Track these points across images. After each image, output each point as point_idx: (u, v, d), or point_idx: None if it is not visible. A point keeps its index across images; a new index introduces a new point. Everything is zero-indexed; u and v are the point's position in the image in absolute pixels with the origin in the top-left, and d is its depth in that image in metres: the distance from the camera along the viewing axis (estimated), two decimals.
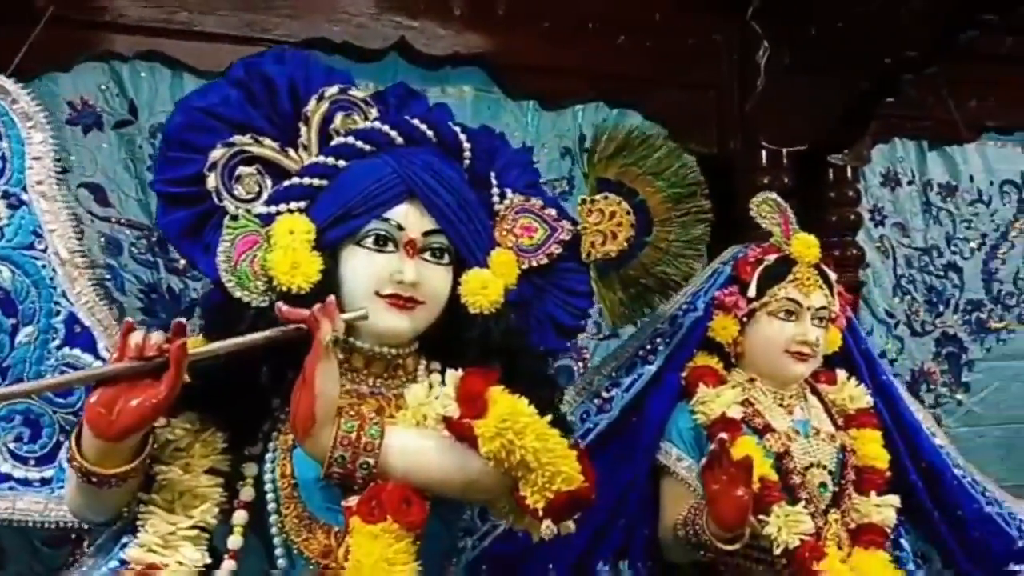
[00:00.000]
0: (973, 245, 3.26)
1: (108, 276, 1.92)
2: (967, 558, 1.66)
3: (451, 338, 1.16)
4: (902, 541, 1.62)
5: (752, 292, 1.46)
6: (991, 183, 3.30)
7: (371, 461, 1.00)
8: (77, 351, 1.16)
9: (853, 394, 1.54)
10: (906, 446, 1.61)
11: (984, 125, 3.20)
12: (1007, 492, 3.19)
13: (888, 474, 1.46)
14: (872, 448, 1.47)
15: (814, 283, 1.47)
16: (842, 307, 1.55)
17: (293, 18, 2.14)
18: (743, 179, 2.61)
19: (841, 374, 1.57)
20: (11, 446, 1.13)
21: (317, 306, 1.00)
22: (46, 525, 1.13)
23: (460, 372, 1.07)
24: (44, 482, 1.14)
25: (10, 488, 1.13)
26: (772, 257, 1.50)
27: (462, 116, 2.36)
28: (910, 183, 3.17)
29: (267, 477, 1.07)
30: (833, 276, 1.54)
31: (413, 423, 1.05)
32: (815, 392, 1.53)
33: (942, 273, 3.22)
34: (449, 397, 1.06)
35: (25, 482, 1.13)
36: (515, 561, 1.37)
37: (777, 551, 1.31)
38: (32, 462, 1.14)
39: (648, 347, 1.54)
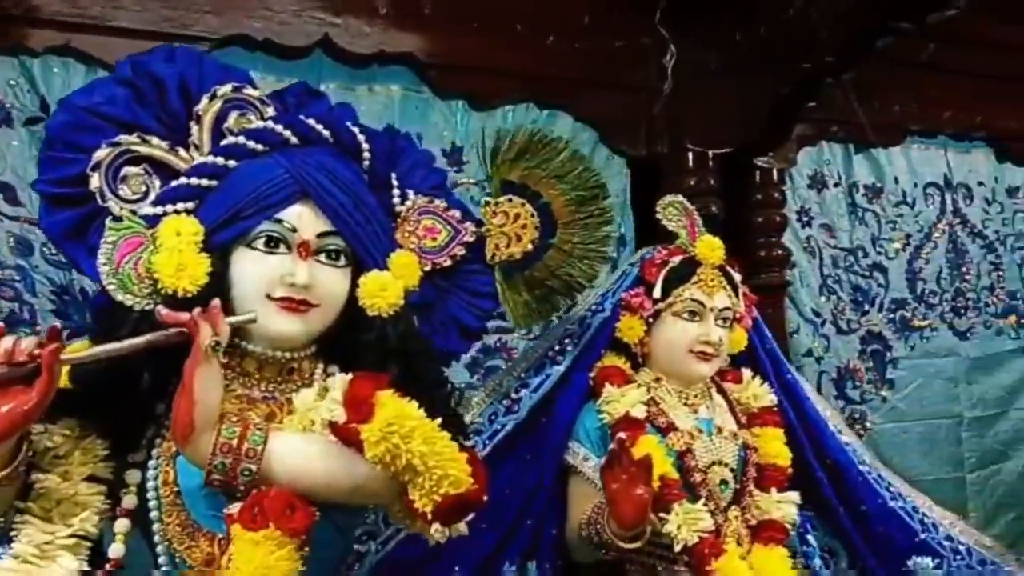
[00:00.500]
0: (897, 246, 3.34)
1: (17, 277, 1.87)
2: (871, 552, 1.70)
3: (349, 341, 1.15)
4: (809, 537, 1.65)
5: (657, 293, 1.48)
6: (915, 185, 3.39)
7: (253, 467, 0.98)
8: None
9: (757, 393, 1.57)
10: (811, 443, 1.65)
11: (908, 129, 3.29)
12: (929, 486, 3.32)
13: (789, 471, 1.49)
14: (774, 446, 1.50)
15: (718, 284, 1.49)
16: (747, 308, 1.58)
17: (213, 14, 2.10)
18: (670, 181, 2.65)
19: (746, 373, 1.60)
20: None
21: (197, 310, 0.98)
22: None
23: (349, 376, 1.06)
24: None
25: None
26: (677, 259, 1.52)
27: (390, 115, 2.37)
28: (836, 185, 3.24)
29: (150, 484, 1.05)
30: (738, 277, 1.56)
31: (300, 428, 1.04)
32: (720, 391, 1.56)
33: (867, 273, 3.29)
34: (336, 401, 1.03)
35: None
36: (420, 564, 1.37)
37: (677, 548, 1.33)
38: None
39: (557, 348, 1.55)
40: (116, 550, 1.02)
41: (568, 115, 2.58)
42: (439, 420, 1.01)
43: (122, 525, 1.03)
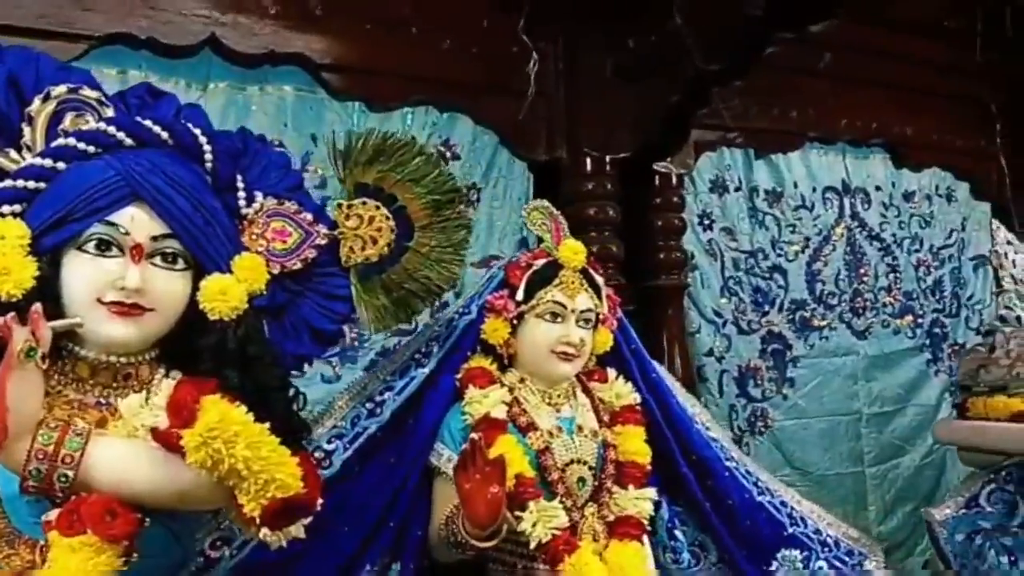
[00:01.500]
0: (797, 248, 3.45)
1: None
2: (740, 547, 1.75)
3: (190, 346, 1.14)
4: (676, 532, 1.70)
5: (520, 296, 1.51)
6: (814, 189, 3.50)
7: (70, 474, 0.96)
8: None
9: (620, 392, 1.60)
10: (676, 439, 1.69)
11: (807, 135, 3.40)
12: (831, 481, 3.43)
13: (648, 468, 1.52)
14: (634, 443, 1.53)
15: (579, 287, 1.52)
16: (611, 309, 1.61)
17: (94, 11, 2.06)
18: (570, 185, 2.70)
19: (611, 373, 1.63)
20: None
21: (11, 315, 0.96)
22: None
23: (174, 381, 1.05)
24: None
25: None
26: (541, 262, 1.55)
27: (283, 116, 2.35)
28: (737, 189, 3.32)
29: None
30: (600, 280, 1.59)
31: (125, 434, 1.02)
32: (585, 390, 1.59)
33: (768, 275, 3.38)
34: (160, 407, 1.02)
35: None
36: (280, 568, 1.36)
37: (532, 545, 1.36)
38: None
39: (423, 351, 1.56)
40: None
41: (468, 118, 2.60)
42: (267, 425, 1.01)
43: None
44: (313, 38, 2.31)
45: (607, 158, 2.70)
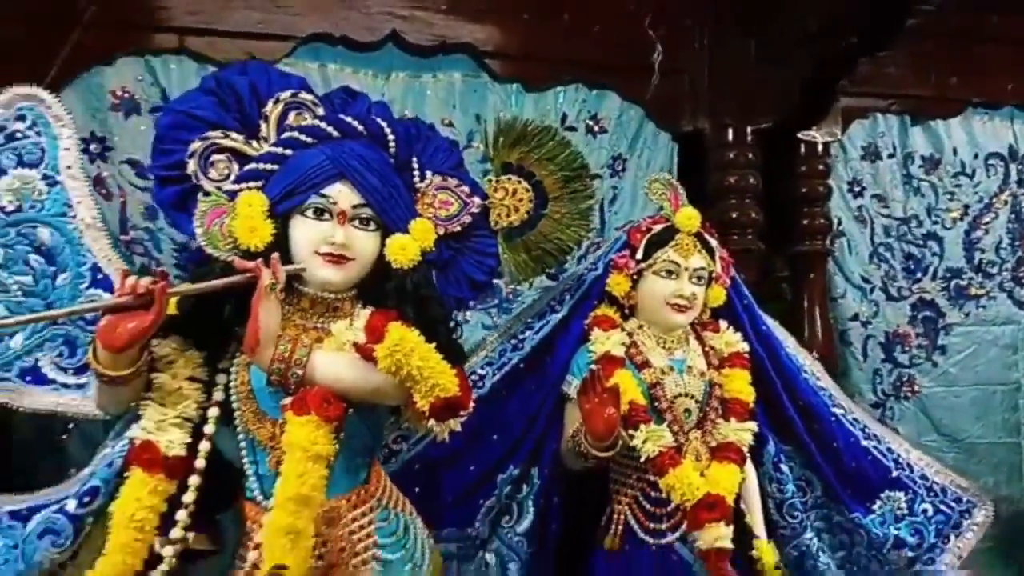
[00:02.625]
0: (955, 215, 3.44)
1: (146, 238, 2.35)
2: (843, 484, 1.96)
3: (379, 287, 1.54)
4: (782, 466, 1.93)
5: (640, 255, 1.80)
6: (976, 156, 3.45)
7: (300, 373, 1.38)
8: (100, 291, 1.60)
9: (729, 340, 1.85)
10: (784, 386, 1.92)
11: (969, 100, 3.38)
12: (983, 449, 3.44)
13: (751, 406, 1.77)
14: (738, 384, 1.78)
15: (692, 248, 1.78)
16: (724, 269, 1.87)
17: (300, 16, 2.52)
18: (713, 155, 2.91)
19: (722, 324, 1.89)
20: (55, 360, 1.58)
21: (260, 260, 1.39)
22: (80, 416, 1.59)
23: (369, 311, 1.46)
24: (79, 386, 1.58)
25: (54, 389, 1.58)
26: (659, 227, 1.82)
27: (451, 99, 2.73)
28: (891, 156, 3.36)
29: (231, 383, 1.48)
30: (714, 243, 1.85)
31: (336, 348, 1.43)
32: (698, 338, 1.86)
33: (921, 242, 3.40)
34: (360, 329, 1.40)
35: (66, 385, 1.58)
36: (443, 463, 1.77)
37: (642, 459, 1.67)
38: (70, 372, 1.59)
39: (557, 300, 1.89)
40: (209, 429, 1.46)
41: (615, 94, 2.87)
42: (434, 345, 1.39)
43: (213, 412, 1.47)
44: (478, 29, 2.66)
45: (748, 128, 2.87)
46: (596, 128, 2.86)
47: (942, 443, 3.36)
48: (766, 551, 1.74)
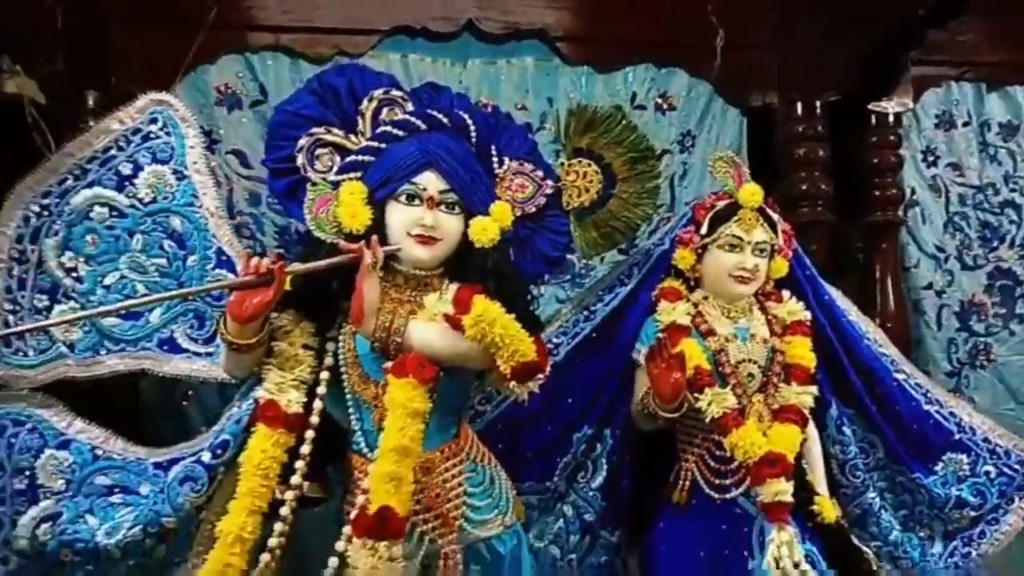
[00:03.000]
0: None
1: (251, 222, 2.59)
2: (905, 446, 2.06)
3: (464, 264, 1.73)
4: (844, 429, 2.04)
5: (704, 230, 1.94)
6: None
7: (398, 340, 1.57)
8: (224, 271, 1.83)
9: (792, 309, 1.95)
10: (846, 352, 2.03)
11: None
12: None
13: (812, 371, 1.89)
14: (800, 350, 1.89)
15: (755, 223, 1.90)
16: (786, 241, 1.99)
17: (383, 11, 2.72)
18: (781, 129, 2.99)
19: (785, 294, 2.00)
20: (187, 332, 1.83)
21: (362, 242, 1.59)
22: (209, 380, 1.84)
23: (456, 286, 1.65)
24: (208, 354, 1.82)
25: (187, 357, 1.83)
26: (722, 203, 1.94)
27: (524, 83, 2.88)
28: (966, 124, 3.36)
29: (340, 350, 1.69)
30: (776, 217, 1.96)
31: (428, 319, 1.63)
32: (762, 307, 1.98)
33: (998, 210, 3.40)
34: (448, 302, 1.59)
35: (197, 354, 1.83)
36: (524, 422, 1.95)
37: (707, 420, 1.82)
38: (200, 342, 1.83)
39: (627, 273, 2.03)
40: (321, 391, 1.67)
41: (684, 72, 2.98)
42: (513, 316, 1.57)
43: (324, 375, 1.69)
44: (549, 14, 2.81)
45: (816, 101, 2.94)
46: (665, 106, 2.97)
47: (1020, 412, 3.38)
48: (827, 506, 1.87)
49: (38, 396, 1.77)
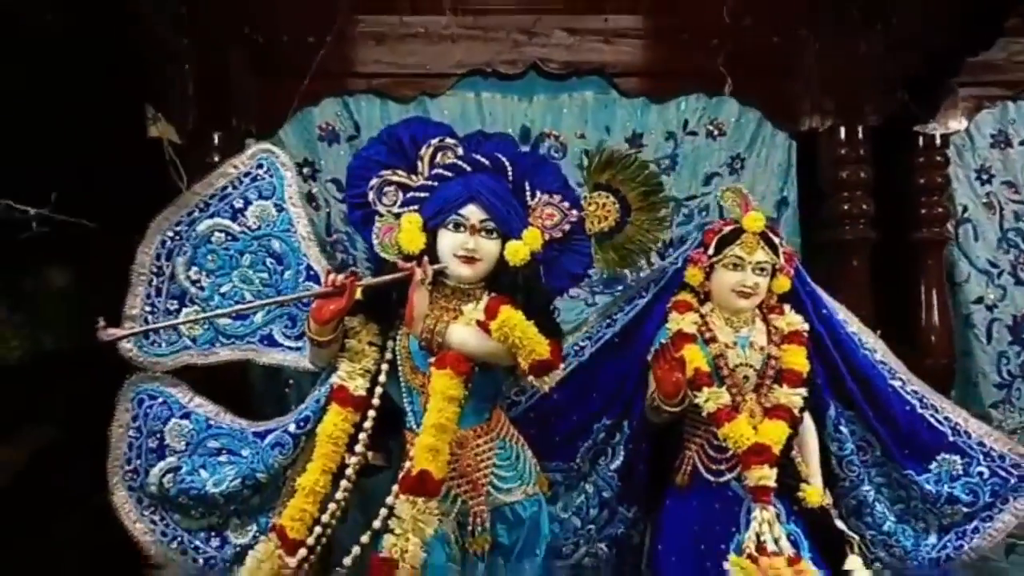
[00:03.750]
0: None
1: (345, 239, 3.07)
2: (900, 446, 2.30)
3: (500, 280, 2.14)
4: (842, 428, 2.30)
5: (711, 251, 2.26)
6: None
7: (440, 340, 2.00)
8: (312, 283, 2.30)
9: (790, 321, 2.23)
10: (843, 360, 2.29)
11: None
12: None
13: (804, 375, 2.18)
14: (795, 357, 2.17)
15: (756, 245, 2.19)
16: (788, 261, 2.29)
17: (457, 57, 3.16)
18: (825, 152, 3.25)
19: (786, 307, 2.29)
20: (283, 330, 2.33)
21: (415, 262, 2.03)
22: (299, 369, 2.34)
23: (488, 297, 2.06)
24: (297, 348, 2.31)
25: (281, 350, 2.33)
26: (728, 228, 2.26)
27: (584, 115, 3.25)
28: (1022, 143, 3.52)
29: (396, 347, 2.14)
30: (777, 241, 2.27)
31: (465, 324, 2.05)
32: (764, 319, 2.29)
33: None
34: (480, 311, 1.99)
35: (289, 348, 2.33)
36: (554, 412, 2.35)
37: (704, 414, 2.14)
38: (292, 338, 2.33)
39: (644, 288, 2.38)
40: (382, 379, 2.13)
41: (734, 100, 3.30)
42: (535, 321, 1.97)
43: (384, 366, 2.13)
44: (607, 53, 3.18)
45: (859, 126, 3.20)
46: (716, 132, 3.29)
47: None
48: (811, 493, 2.16)
49: (168, 377, 2.31)
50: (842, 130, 3.21)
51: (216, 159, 2.85)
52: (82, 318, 3.19)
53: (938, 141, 3.33)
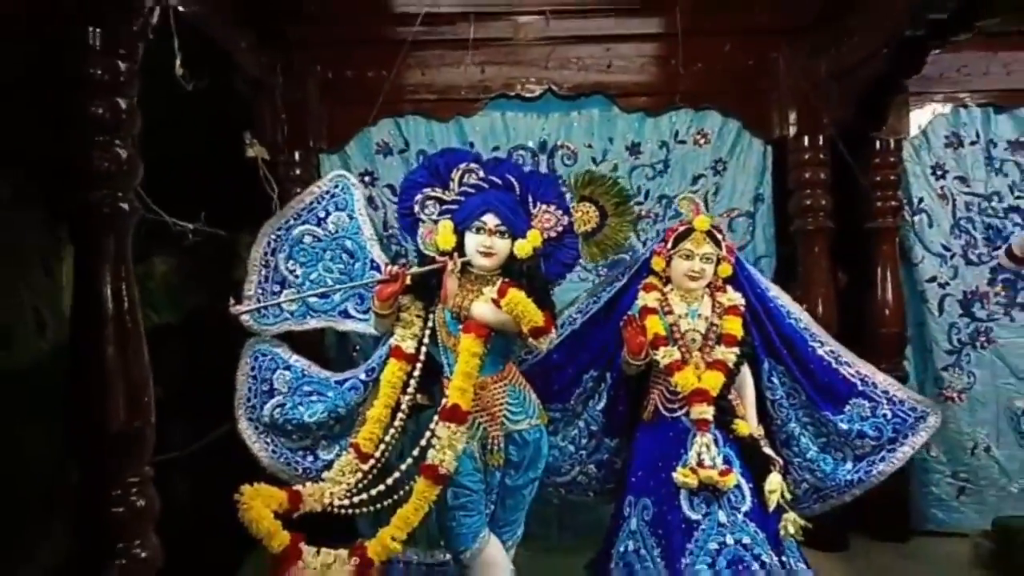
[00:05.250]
0: None
1: (398, 233, 3.97)
2: (818, 394, 3.11)
3: (510, 269, 3.03)
4: (773, 379, 3.14)
5: (670, 245, 3.11)
6: None
7: (466, 313, 2.89)
8: (375, 272, 3.22)
9: (730, 297, 3.02)
10: (773, 327, 3.10)
11: None
12: None
13: (738, 338, 2.98)
14: (732, 325, 2.96)
15: (703, 240, 3.00)
16: (729, 252, 3.14)
17: (486, 82, 4.05)
18: (792, 156, 4.06)
19: (729, 288, 3.11)
20: (355, 306, 3.27)
21: (448, 256, 2.94)
22: (366, 334, 3.30)
23: (500, 281, 2.96)
24: (365, 320, 3.23)
25: (354, 321, 3.28)
26: (683, 227, 3.10)
27: (591, 127, 4.11)
28: (973, 143, 4.24)
29: (435, 318, 3.03)
30: (720, 237, 3.10)
31: (484, 301, 2.92)
32: (711, 296, 3.14)
33: (1003, 215, 4.25)
34: (494, 291, 2.92)
35: (359, 319, 3.26)
36: (552, 368, 3.23)
37: (662, 366, 2.98)
38: (361, 312, 3.26)
39: (622, 273, 3.23)
40: (426, 341, 3.05)
41: (718, 113, 4.13)
42: (535, 299, 2.86)
43: (427, 332, 3.05)
44: (608, 76, 4.04)
45: (820, 134, 3.99)
46: (702, 140, 4.12)
47: (1019, 385, 4.26)
48: (741, 426, 3.00)
49: (274, 340, 3.27)
50: (805, 138, 4.01)
51: (297, 172, 3.84)
52: (182, 299, 4.27)
53: (892, 145, 4.08)
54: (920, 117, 4.20)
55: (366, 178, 4.00)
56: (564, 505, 3.73)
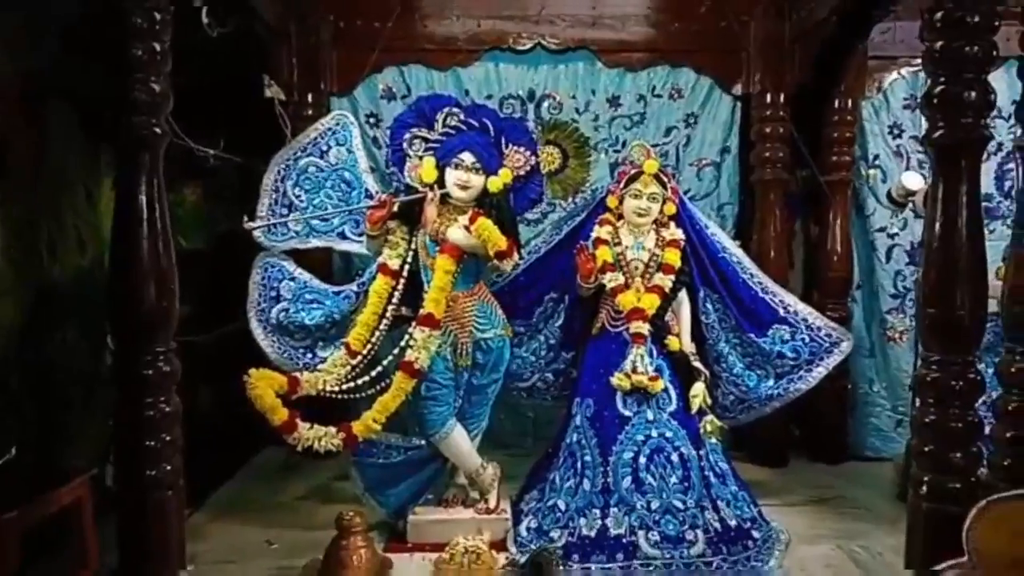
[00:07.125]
0: (990, 149, 4.68)
1: (397, 171, 4.65)
2: (746, 318, 3.66)
3: (482, 201, 3.63)
4: (708, 304, 3.72)
5: (622, 186, 3.70)
6: (1013, 102, 4.65)
7: (443, 237, 3.48)
8: (369, 200, 3.79)
9: (672, 232, 3.56)
10: (708, 259, 3.65)
11: (1002, 57, 4.60)
12: None
13: (675, 268, 3.56)
14: (670, 256, 3.51)
15: (651, 182, 3.54)
16: (674, 193, 3.71)
17: (479, 35, 4.63)
18: (755, 112, 4.60)
19: (672, 224, 3.69)
20: (351, 229, 3.87)
21: (430, 187, 3.56)
22: (362, 255, 3.94)
23: (472, 211, 3.57)
24: (360, 241, 3.83)
25: (349, 242, 3.87)
26: (634, 170, 3.68)
27: (576, 80, 4.68)
28: None
29: (417, 240, 3.63)
30: (666, 179, 3.66)
31: (458, 226, 3.54)
32: (656, 231, 3.72)
33: None
34: (467, 219, 3.52)
35: (354, 240, 3.86)
36: (519, 289, 3.82)
37: (608, 289, 3.59)
38: (356, 234, 3.85)
39: (581, 209, 3.80)
40: (409, 259, 3.67)
41: (691, 70, 4.68)
42: (500, 227, 3.47)
43: (410, 253, 3.66)
44: (592, 33, 4.60)
45: (780, 92, 4.52)
46: (676, 95, 4.68)
47: None
48: (672, 342, 3.60)
49: (282, 254, 3.90)
50: (768, 95, 4.54)
51: (309, 112, 4.46)
52: (210, 226, 4.96)
53: (849, 103, 4.60)
54: (883, 80, 4.65)
55: (371, 120, 4.61)
56: (537, 418, 4.43)
